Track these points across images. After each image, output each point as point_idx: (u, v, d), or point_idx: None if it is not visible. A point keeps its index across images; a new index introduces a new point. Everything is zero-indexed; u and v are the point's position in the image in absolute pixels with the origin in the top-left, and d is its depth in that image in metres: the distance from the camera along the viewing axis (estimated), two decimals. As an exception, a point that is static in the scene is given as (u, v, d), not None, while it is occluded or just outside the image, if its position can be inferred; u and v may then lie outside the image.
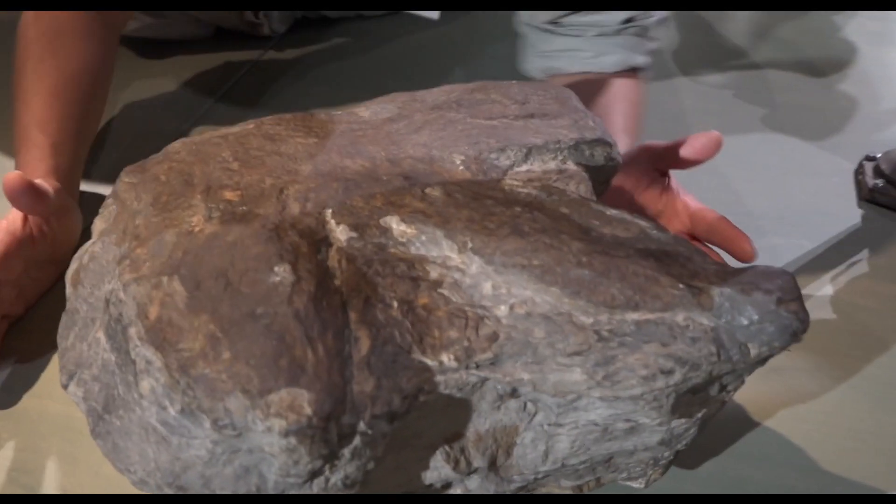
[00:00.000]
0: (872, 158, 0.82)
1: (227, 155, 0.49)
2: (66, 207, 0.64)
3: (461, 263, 0.41)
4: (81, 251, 0.48)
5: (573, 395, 0.39)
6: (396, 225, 0.43)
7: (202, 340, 0.37)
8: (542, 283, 0.40)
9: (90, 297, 0.46)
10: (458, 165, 0.49)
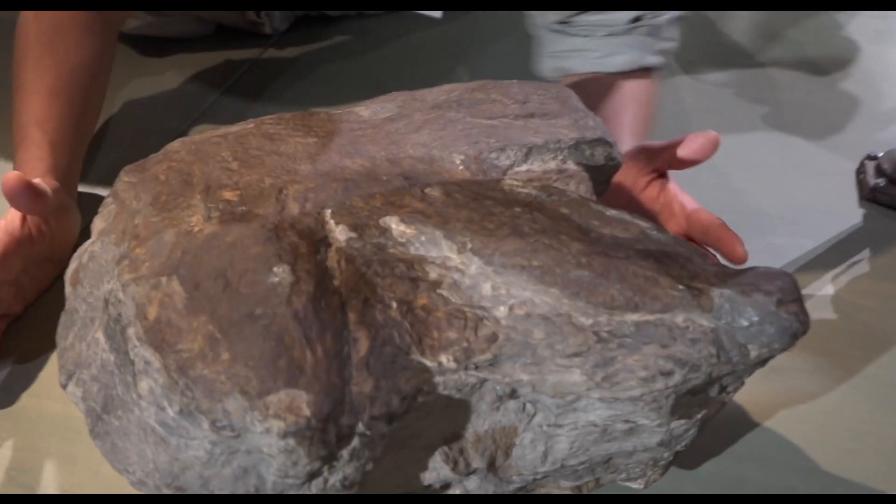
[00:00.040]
0: (874, 157, 0.82)
1: (226, 154, 0.49)
2: (64, 207, 0.64)
3: (460, 264, 0.41)
4: (81, 250, 0.48)
5: (572, 396, 0.39)
6: (396, 225, 0.43)
7: (201, 341, 0.37)
8: (541, 283, 0.40)
9: (89, 296, 0.46)
10: (457, 165, 0.49)
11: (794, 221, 0.76)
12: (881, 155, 0.81)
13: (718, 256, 0.61)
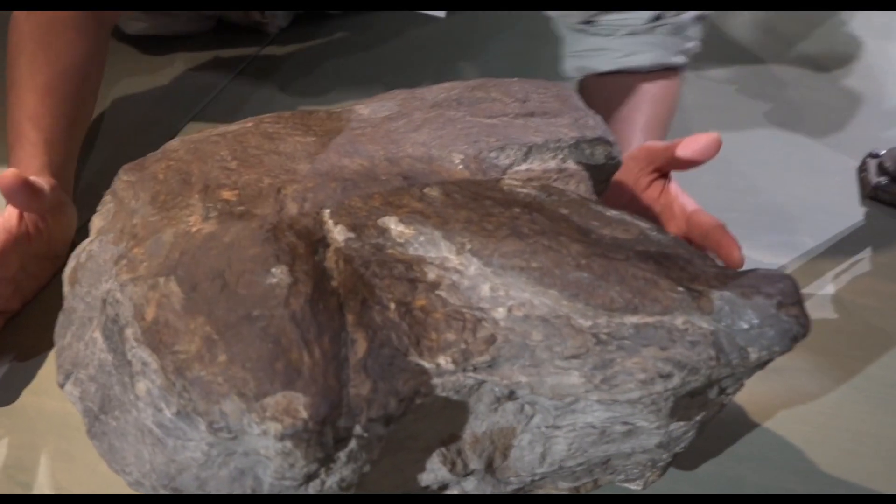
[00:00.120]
0: (876, 155, 0.82)
1: (225, 154, 0.49)
2: (61, 203, 0.64)
3: (459, 265, 0.41)
4: (79, 249, 0.48)
5: (571, 398, 0.39)
6: (394, 225, 0.43)
7: (198, 342, 0.37)
8: (540, 285, 0.39)
9: (87, 296, 0.46)
10: (457, 165, 0.49)
11: (795, 219, 0.76)
12: (883, 153, 0.81)
13: (716, 259, 0.61)
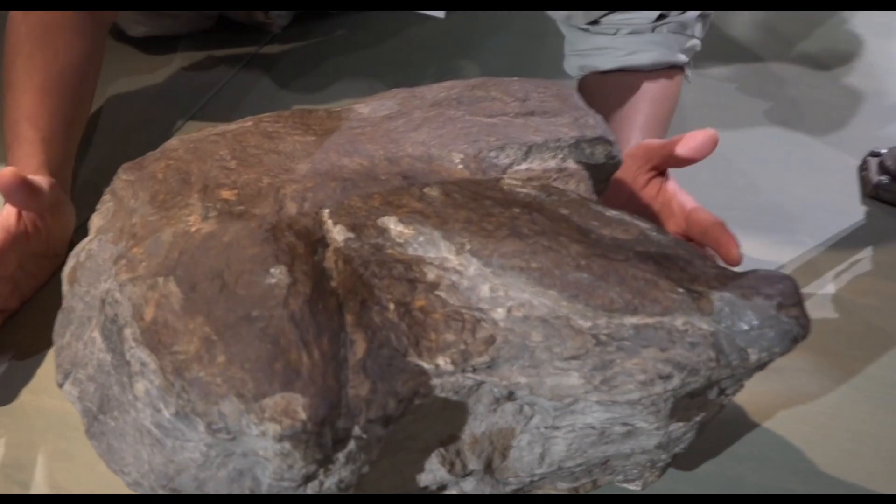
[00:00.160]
0: (877, 154, 0.82)
1: (224, 153, 0.49)
2: (59, 202, 0.64)
3: (459, 265, 0.41)
4: (78, 248, 0.48)
5: (570, 398, 0.39)
6: (394, 225, 0.43)
7: (197, 343, 0.37)
8: (540, 285, 0.39)
9: (86, 295, 0.45)
10: (456, 164, 0.49)
11: (795, 218, 0.76)
12: (884, 152, 0.81)
13: (716, 257, 0.61)
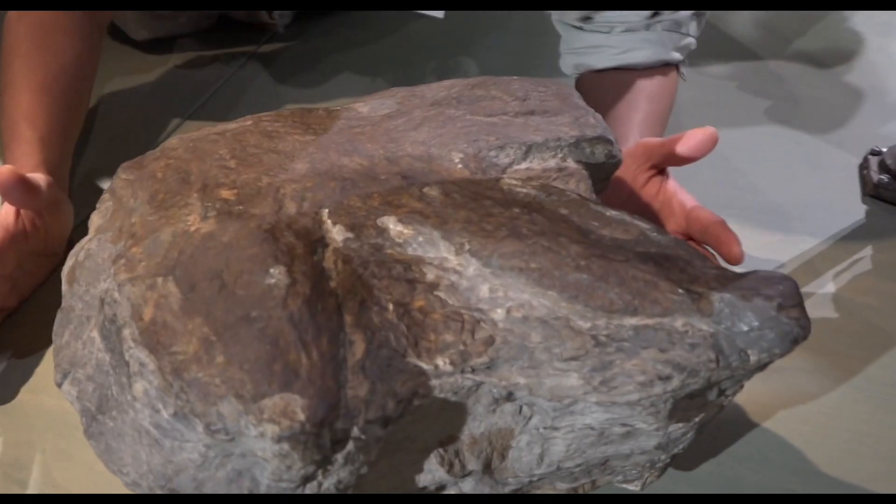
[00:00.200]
0: (878, 153, 0.81)
1: (224, 152, 0.49)
2: (57, 201, 0.64)
3: (458, 265, 0.41)
4: (77, 248, 0.48)
5: (569, 399, 0.39)
6: (393, 225, 0.42)
7: (196, 344, 0.37)
8: (539, 286, 0.39)
9: (85, 294, 0.45)
10: (456, 164, 0.48)
11: (795, 217, 0.76)
12: (885, 150, 0.80)
13: (716, 255, 0.61)
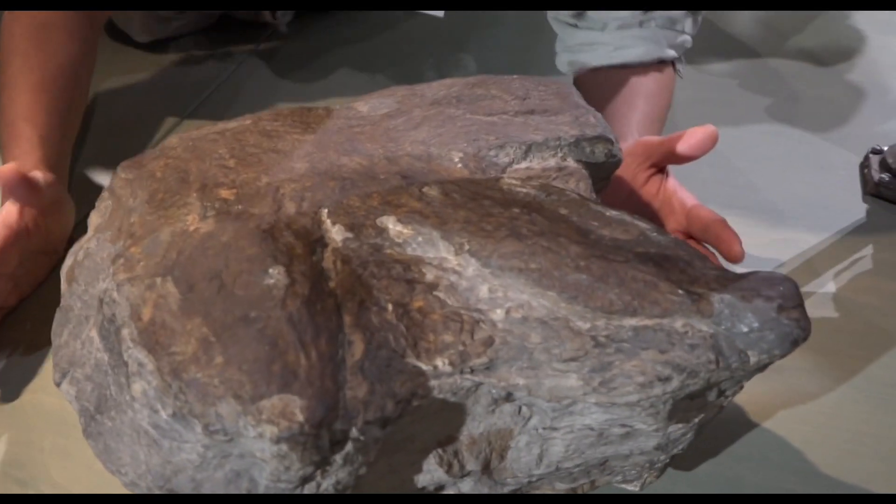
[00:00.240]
0: (879, 152, 0.81)
1: (223, 152, 0.48)
2: (59, 199, 0.64)
3: (457, 265, 0.41)
4: (76, 247, 0.48)
5: (569, 400, 0.39)
6: (393, 225, 0.42)
7: (195, 344, 0.37)
8: (539, 287, 0.39)
9: (84, 294, 0.45)
10: (456, 163, 0.48)
11: (795, 216, 0.75)
12: (886, 149, 0.80)
13: (717, 254, 0.61)
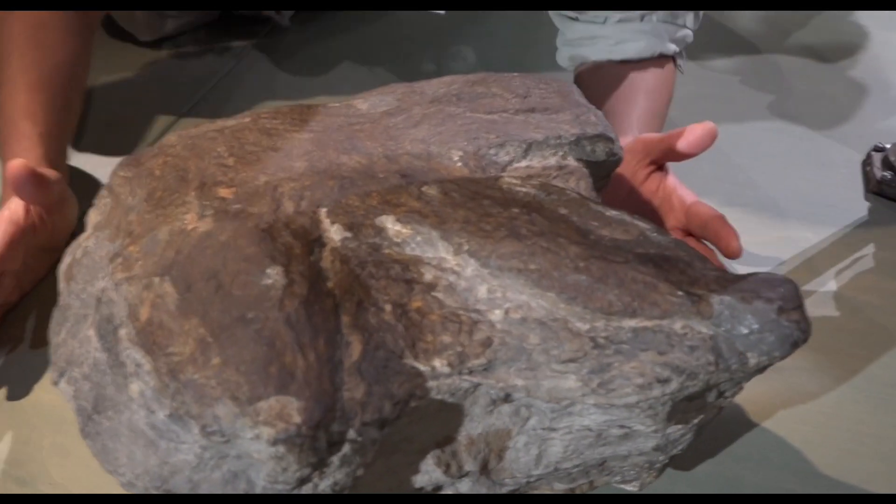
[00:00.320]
0: (881, 149, 0.81)
1: (222, 150, 0.48)
2: (64, 196, 0.64)
3: (456, 266, 0.41)
4: (74, 245, 0.48)
5: (567, 401, 0.39)
6: (392, 225, 0.42)
7: (192, 345, 0.37)
8: (538, 287, 0.39)
9: (82, 293, 0.45)
10: (455, 161, 0.48)
11: (797, 214, 0.75)
12: (888, 147, 0.80)
13: (716, 250, 0.61)
